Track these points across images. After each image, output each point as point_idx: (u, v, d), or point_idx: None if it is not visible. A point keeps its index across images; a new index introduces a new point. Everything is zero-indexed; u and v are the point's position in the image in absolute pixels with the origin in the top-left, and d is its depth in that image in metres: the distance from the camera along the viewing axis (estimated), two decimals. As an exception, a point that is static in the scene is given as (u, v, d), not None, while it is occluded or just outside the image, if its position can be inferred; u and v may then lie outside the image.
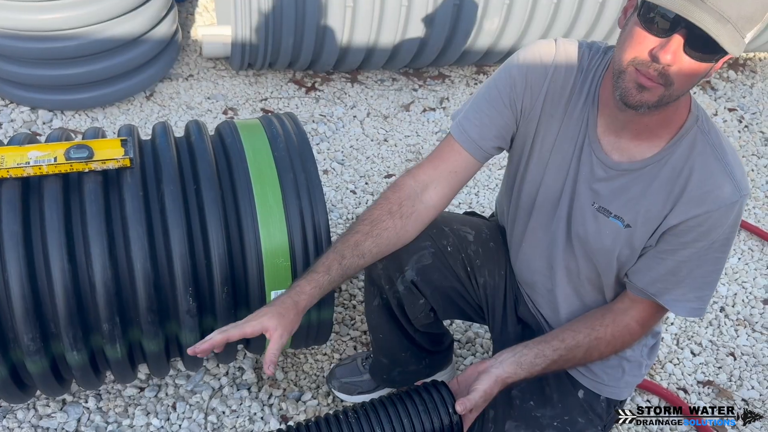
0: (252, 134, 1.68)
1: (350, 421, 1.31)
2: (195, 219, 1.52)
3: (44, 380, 1.52)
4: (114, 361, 1.56)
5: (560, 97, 1.33)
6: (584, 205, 1.36)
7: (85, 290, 1.44)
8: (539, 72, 1.33)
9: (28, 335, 1.41)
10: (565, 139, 1.35)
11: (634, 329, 1.39)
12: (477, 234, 1.62)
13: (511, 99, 1.35)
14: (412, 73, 3.36)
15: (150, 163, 1.57)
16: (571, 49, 1.32)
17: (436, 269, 1.55)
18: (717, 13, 1.01)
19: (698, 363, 2.22)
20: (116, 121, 2.80)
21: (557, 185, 1.39)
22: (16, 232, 1.38)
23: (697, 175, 1.23)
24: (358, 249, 1.36)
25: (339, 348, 2.12)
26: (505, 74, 1.36)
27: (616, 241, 1.33)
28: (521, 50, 1.37)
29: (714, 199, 1.22)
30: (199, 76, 3.12)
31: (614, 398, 1.53)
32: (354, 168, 2.80)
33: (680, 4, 1.03)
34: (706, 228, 1.24)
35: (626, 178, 1.29)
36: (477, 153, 1.40)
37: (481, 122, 1.38)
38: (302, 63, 3.01)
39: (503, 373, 1.32)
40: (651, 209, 1.28)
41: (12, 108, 2.76)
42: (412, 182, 1.42)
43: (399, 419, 1.30)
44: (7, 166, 1.41)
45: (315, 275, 1.33)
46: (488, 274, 1.61)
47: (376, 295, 1.63)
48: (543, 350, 1.36)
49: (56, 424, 1.81)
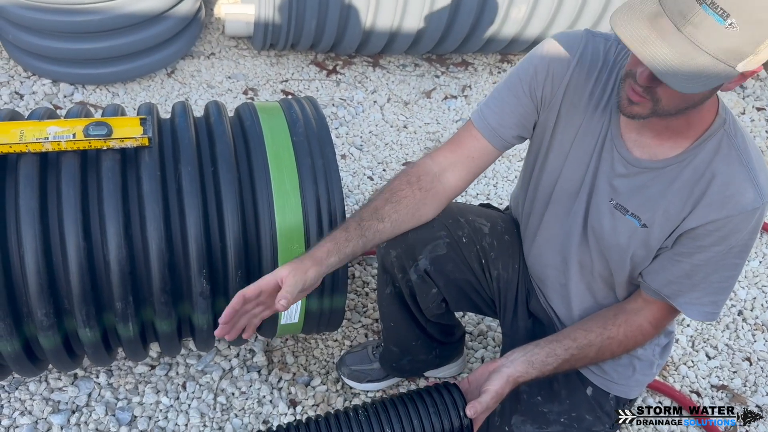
0: (271, 117, 1.66)
1: (360, 419, 1.31)
2: (211, 201, 1.51)
3: (56, 355, 1.53)
4: (126, 339, 1.56)
5: (583, 89, 1.30)
6: (601, 201, 1.34)
7: (100, 268, 1.44)
8: (562, 61, 1.31)
9: (42, 310, 1.41)
10: (588, 132, 1.32)
11: (646, 329, 1.37)
12: (492, 226, 1.60)
13: (531, 87, 1.34)
14: (435, 59, 3.32)
15: (168, 142, 1.56)
16: (600, 42, 1.30)
17: (450, 260, 1.54)
18: (689, 44, 0.98)
19: (713, 366, 2.19)
20: (137, 97, 2.80)
21: (576, 178, 1.37)
22: (33, 207, 1.38)
23: (720, 178, 1.20)
24: (378, 213, 1.35)
25: (350, 335, 2.11)
26: (528, 62, 1.35)
27: (631, 239, 1.31)
28: (549, 39, 1.35)
29: (735, 204, 1.19)
30: (221, 55, 3.11)
31: (624, 397, 1.52)
32: (372, 154, 2.78)
33: (633, 37, 1.01)
34: (725, 233, 1.21)
35: (646, 176, 1.27)
36: (495, 140, 1.39)
37: (501, 109, 1.37)
38: (324, 45, 2.98)
39: (515, 373, 1.30)
40: (669, 210, 1.25)
41: (34, 80, 2.77)
42: (430, 162, 1.41)
43: (409, 420, 1.29)
44: (26, 141, 1.41)
45: (332, 237, 1.31)
46: (502, 267, 1.59)
47: (388, 283, 1.62)
48: (554, 349, 1.34)
49: (67, 398, 1.83)
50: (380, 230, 1.35)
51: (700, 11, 0.96)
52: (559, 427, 1.45)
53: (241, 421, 1.85)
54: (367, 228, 1.33)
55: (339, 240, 1.30)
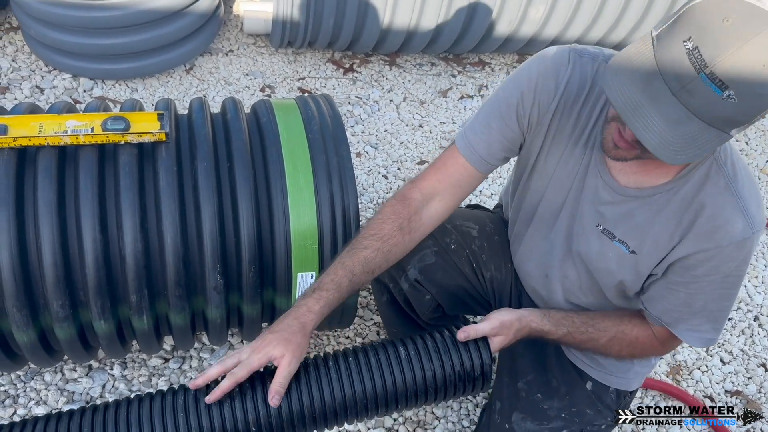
0: (287, 115, 1.67)
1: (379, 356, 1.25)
2: (227, 197, 1.52)
3: (71, 346, 1.55)
4: (140, 332, 1.58)
5: (570, 114, 1.28)
6: (587, 225, 1.33)
7: (116, 261, 1.46)
8: (550, 88, 1.27)
9: (58, 302, 1.43)
10: (572, 157, 1.31)
11: (654, 343, 1.38)
12: (481, 228, 1.60)
13: (519, 114, 1.31)
14: (452, 58, 3.31)
15: (185, 138, 1.58)
16: (587, 63, 1.25)
17: (439, 268, 1.54)
18: (683, 111, 0.96)
19: (727, 372, 2.17)
20: (155, 93, 2.83)
21: (558, 200, 1.36)
22: (51, 200, 1.40)
23: (709, 208, 1.18)
24: (369, 266, 1.30)
25: (362, 332, 2.12)
26: (515, 87, 1.30)
27: (620, 265, 1.31)
28: (534, 60, 1.30)
29: (724, 235, 1.17)
30: (239, 52, 3.13)
31: (624, 389, 1.52)
32: (387, 152, 2.78)
33: (625, 104, 0.98)
34: (716, 263, 1.20)
35: (633, 204, 1.25)
36: (483, 167, 1.37)
37: (488, 136, 1.34)
38: (342, 43, 2.99)
39: (529, 317, 1.29)
40: (658, 239, 1.24)
41: (55, 74, 2.80)
42: (418, 195, 1.38)
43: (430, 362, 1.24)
44: (45, 134, 1.42)
45: (324, 293, 1.25)
46: (494, 268, 1.59)
47: (383, 292, 1.63)
48: (571, 317, 1.34)
49: (82, 389, 1.85)
50: (367, 281, 1.33)
51: (698, 80, 0.93)
52: (560, 422, 1.45)
53: (252, 415, 1.86)
54: (358, 282, 1.30)
55: (331, 301, 1.25)
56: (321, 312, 1.24)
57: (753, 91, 0.93)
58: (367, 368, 1.23)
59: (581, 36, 3.12)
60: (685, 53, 0.94)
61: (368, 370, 1.23)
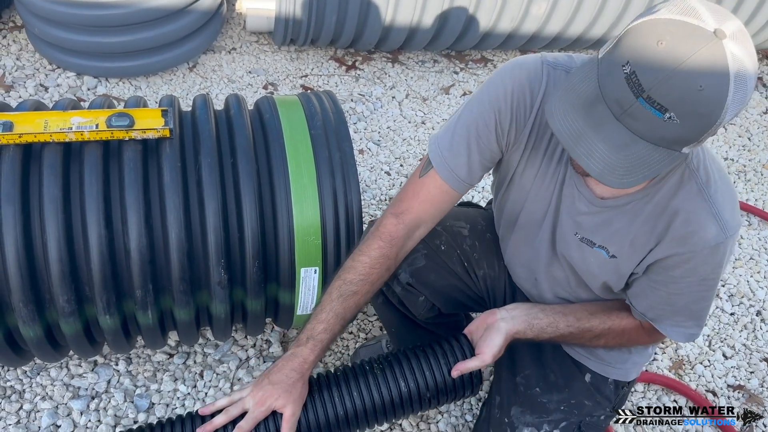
0: (290, 111, 1.68)
1: (376, 373, 1.38)
2: (230, 192, 1.53)
3: (77, 341, 1.56)
4: (145, 327, 1.59)
5: (545, 129, 1.27)
6: (567, 233, 1.35)
7: (120, 256, 1.47)
8: (526, 104, 1.26)
9: (64, 297, 1.44)
10: (548, 170, 1.31)
11: (641, 334, 1.41)
12: (472, 227, 1.61)
13: (498, 133, 1.30)
14: (454, 55, 3.32)
15: (189, 134, 1.59)
16: (560, 75, 1.23)
17: (431, 270, 1.55)
18: (627, 134, 0.96)
19: (730, 366, 2.17)
20: (159, 91, 2.84)
21: (539, 212, 1.37)
22: (56, 196, 1.41)
23: (682, 215, 1.19)
24: (358, 308, 1.37)
25: (365, 328, 2.13)
26: (489, 104, 1.28)
27: (602, 268, 1.33)
28: (506, 74, 1.27)
29: (697, 241, 1.18)
30: (242, 50, 3.14)
31: (622, 380, 1.53)
32: (390, 149, 2.79)
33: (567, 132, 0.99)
34: (692, 266, 1.22)
35: (609, 213, 1.26)
36: (463, 189, 1.37)
37: (469, 159, 1.32)
38: (344, 41, 3.00)
39: (512, 330, 1.35)
40: (635, 243, 1.26)
41: (59, 73, 2.82)
42: (403, 231, 1.38)
43: (422, 371, 1.37)
44: (51, 131, 1.44)
45: (318, 343, 1.31)
46: (487, 266, 1.60)
47: (378, 294, 1.63)
48: (557, 321, 1.38)
49: (87, 384, 1.87)
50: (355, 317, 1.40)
51: (637, 104, 0.93)
52: (559, 415, 1.46)
53: (256, 410, 1.88)
54: (348, 322, 1.36)
55: (325, 346, 1.32)
56: (316, 360, 1.32)
57: (694, 112, 0.93)
58: (366, 387, 1.37)
59: (583, 33, 3.12)
60: (624, 78, 0.94)
61: (367, 389, 1.36)
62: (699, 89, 0.91)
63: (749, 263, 2.54)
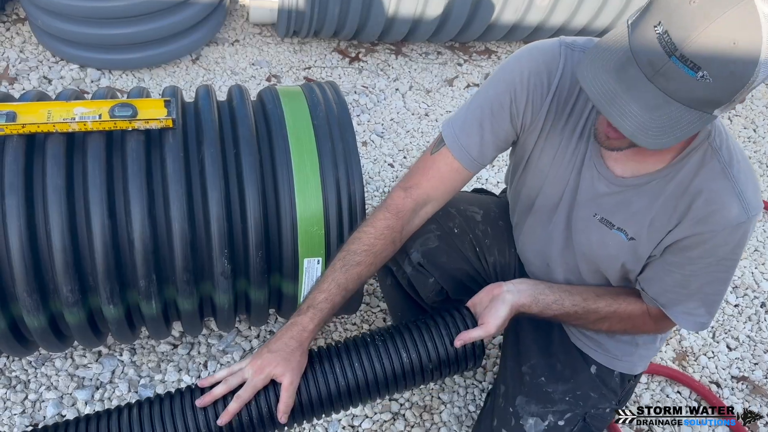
0: (293, 101, 1.68)
1: (377, 343, 1.35)
2: (233, 182, 1.53)
3: (81, 331, 1.57)
4: (149, 317, 1.59)
5: (564, 109, 1.27)
6: (586, 216, 1.34)
7: (124, 246, 1.47)
8: (543, 85, 1.26)
9: (68, 287, 1.45)
10: (566, 152, 1.31)
11: (647, 321, 1.39)
12: (485, 213, 1.61)
13: (512, 114, 1.30)
14: (458, 47, 3.31)
15: (192, 124, 1.59)
16: (578, 57, 1.24)
17: (443, 252, 1.54)
18: (660, 95, 0.96)
19: (734, 358, 2.17)
20: (162, 83, 2.84)
21: (556, 194, 1.37)
22: (60, 186, 1.41)
23: (705, 194, 1.18)
24: (361, 280, 1.35)
25: (369, 319, 2.13)
26: (506, 85, 1.29)
27: (621, 250, 1.32)
28: (523, 55, 1.28)
29: (719, 220, 1.17)
30: (245, 42, 3.13)
31: (628, 373, 1.53)
32: (393, 141, 2.79)
33: (600, 93, 0.99)
34: (711, 246, 1.20)
35: (630, 193, 1.26)
36: (475, 168, 1.37)
37: (482, 140, 1.33)
38: (347, 32, 2.99)
39: (518, 303, 1.34)
40: (655, 223, 1.25)
41: (62, 65, 2.82)
42: (411, 205, 1.38)
43: (423, 342, 1.35)
44: (54, 121, 1.44)
45: (318, 312, 1.30)
46: (498, 252, 1.60)
47: (387, 275, 1.64)
48: (563, 299, 1.37)
49: (91, 375, 1.87)
50: (358, 290, 1.37)
51: (670, 63, 0.93)
52: (564, 405, 1.46)
53: (260, 400, 1.88)
54: (350, 294, 1.34)
55: (326, 316, 1.31)
56: (316, 329, 1.30)
57: (726, 70, 0.92)
58: (368, 358, 1.34)
59: (587, 24, 3.10)
60: (656, 38, 0.94)
61: (368, 359, 1.33)
62: (732, 44, 0.91)
63: (754, 255, 2.53)
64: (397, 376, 1.34)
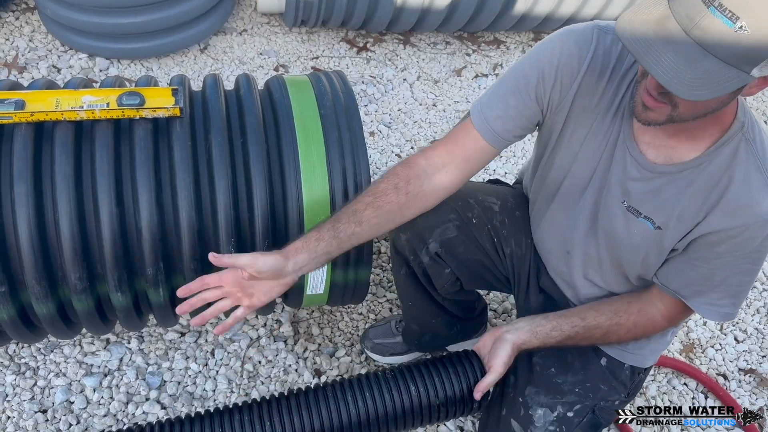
0: (300, 90, 1.68)
1: (388, 379, 1.40)
2: (240, 171, 1.54)
3: (89, 318, 1.58)
4: (157, 305, 1.60)
5: (594, 91, 1.26)
6: (613, 203, 1.32)
7: (132, 234, 1.48)
8: (572, 67, 1.25)
9: (76, 274, 1.46)
10: (599, 134, 1.29)
11: (658, 322, 1.38)
12: (503, 204, 1.60)
13: (538, 92, 1.29)
14: (467, 37, 3.29)
15: (199, 113, 1.59)
16: (611, 39, 1.23)
17: (461, 242, 1.54)
18: (697, 48, 0.94)
19: (741, 350, 2.16)
20: (170, 72, 2.84)
21: (585, 176, 1.35)
22: (68, 174, 1.42)
23: (737, 186, 1.17)
24: (356, 216, 1.33)
25: (375, 309, 2.14)
26: (535, 63, 1.29)
27: (645, 240, 1.30)
28: (556, 37, 1.28)
29: (750, 213, 1.16)
30: (253, 32, 3.13)
31: (638, 366, 1.52)
32: (401, 131, 2.78)
33: (637, 43, 0.97)
34: (740, 240, 1.19)
35: (661, 180, 1.24)
36: (497, 143, 1.36)
37: (505, 113, 1.32)
38: (355, 22, 2.98)
39: (518, 341, 1.37)
40: (684, 214, 1.23)
41: (71, 54, 2.82)
42: (424, 162, 1.38)
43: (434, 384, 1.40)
44: (62, 109, 1.44)
45: (306, 233, 1.34)
46: (515, 244, 1.59)
47: (402, 264, 1.64)
48: (561, 324, 1.39)
49: (100, 362, 1.89)
50: (356, 233, 1.34)
51: (708, 14, 0.92)
52: (573, 397, 1.45)
53: (267, 388, 1.89)
54: (342, 230, 1.33)
55: (309, 239, 1.32)
56: (297, 246, 1.32)
57: (765, 20, 0.91)
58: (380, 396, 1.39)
59: (598, 13, 3.08)
60: None
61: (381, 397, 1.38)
62: None
63: None
64: (415, 414, 1.40)
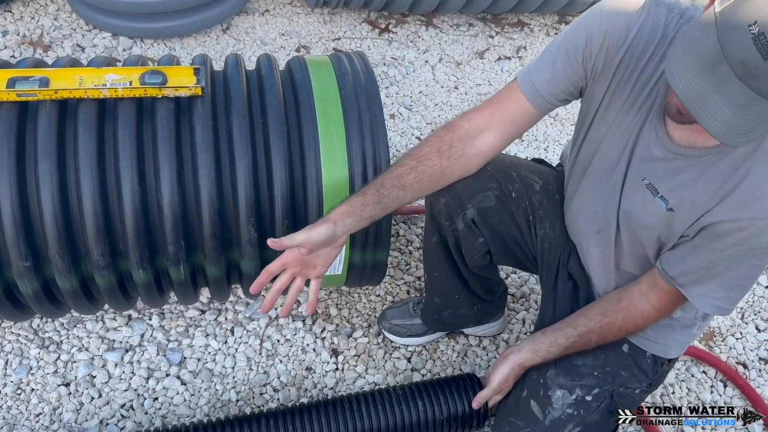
0: (321, 71, 1.67)
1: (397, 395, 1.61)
2: (260, 151, 1.54)
3: (111, 294, 1.61)
4: (177, 283, 1.62)
5: (637, 63, 1.24)
6: (636, 178, 1.31)
7: (153, 212, 1.50)
8: (620, 34, 1.23)
9: (98, 250, 1.48)
10: (632, 108, 1.28)
11: (648, 314, 1.39)
12: (544, 184, 1.59)
13: (585, 56, 1.28)
14: (490, 18, 3.26)
15: (221, 93, 1.60)
16: (662, 13, 1.21)
17: (497, 212, 1.54)
18: (750, 94, 0.93)
19: (762, 339, 2.14)
20: (192, 52, 2.85)
21: (615, 153, 1.34)
22: (91, 151, 1.44)
23: (753, 177, 1.15)
24: (400, 181, 1.35)
25: (392, 291, 2.14)
26: (584, 28, 1.28)
27: (657, 220, 1.29)
28: (607, 4, 1.27)
29: (761, 207, 1.14)
30: (275, 12, 3.12)
31: (661, 356, 1.50)
32: (421, 114, 2.77)
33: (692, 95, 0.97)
34: (748, 234, 1.17)
35: (681, 162, 1.23)
36: (541, 106, 1.35)
37: (552, 76, 1.32)
38: (378, 2, 2.96)
39: (519, 360, 1.51)
40: (697, 198, 1.22)
41: (95, 33, 2.84)
42: (466, 125, 1.38)
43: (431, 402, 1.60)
44: (85, 87, 1.46)
45: (350, 197, 1.35)
46: (549, 227, 1.58)
47: (435, 231, 1.64)
48: (557, 338, 1.47)
49: (121, 338, 1.92)
50: (400, 197, 1.36)
51: (764, 65, 0.90)
52: (592, 380, 1.45)
53: (285, 366, 1.92)
54: (386, 195, 1.34)
55: (355, 204, 1.33)
56: (342, 210, 1.33)
57: None
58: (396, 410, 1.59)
59: (624, -4, 3.03)
60: (751, 39, 0.91)
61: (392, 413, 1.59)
62: None
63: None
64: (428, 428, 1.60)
